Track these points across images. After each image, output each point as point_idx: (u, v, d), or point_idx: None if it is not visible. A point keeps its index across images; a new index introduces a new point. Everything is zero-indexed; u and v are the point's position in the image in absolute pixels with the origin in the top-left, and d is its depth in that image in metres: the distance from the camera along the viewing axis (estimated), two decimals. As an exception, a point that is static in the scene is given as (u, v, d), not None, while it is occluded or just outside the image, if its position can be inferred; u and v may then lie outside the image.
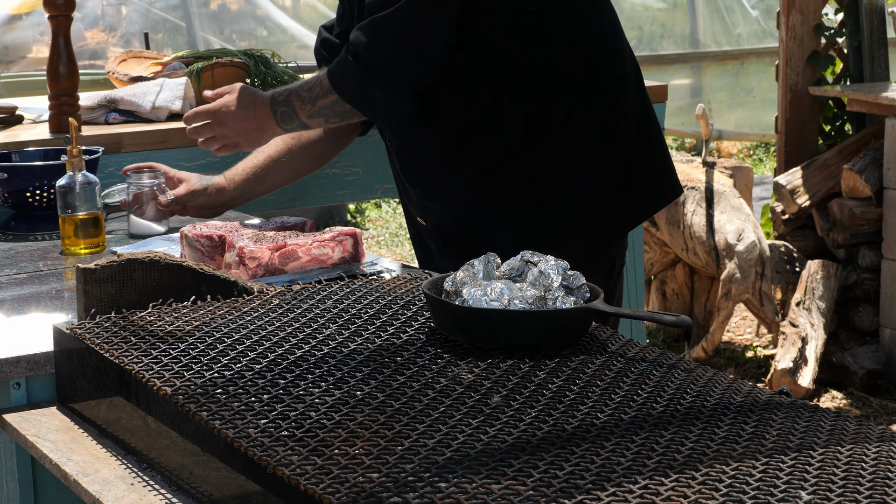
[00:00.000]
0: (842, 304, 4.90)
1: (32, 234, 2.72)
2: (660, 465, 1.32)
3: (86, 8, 6.92)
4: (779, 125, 5.18)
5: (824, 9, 5.14)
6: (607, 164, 2.43)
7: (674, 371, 1.61)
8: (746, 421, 1.45)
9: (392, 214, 7.75)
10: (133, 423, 1.70)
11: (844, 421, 1.47)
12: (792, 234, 5.08)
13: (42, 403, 1.92)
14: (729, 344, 5.27)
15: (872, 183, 4.70)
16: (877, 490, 1.27)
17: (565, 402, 1.49)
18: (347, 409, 1.46)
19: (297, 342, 1.72)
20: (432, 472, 1.29)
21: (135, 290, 1.94)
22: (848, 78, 5.17)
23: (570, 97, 2.39)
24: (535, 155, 2.39)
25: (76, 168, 2.53)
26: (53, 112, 3.10)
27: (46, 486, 1.97)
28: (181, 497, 1.56)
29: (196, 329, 1.78)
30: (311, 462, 1.33)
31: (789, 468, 1.32)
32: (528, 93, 2.38)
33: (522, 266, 1.78)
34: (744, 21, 7.88)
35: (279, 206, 3.27)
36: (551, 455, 1.33)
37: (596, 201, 2.43)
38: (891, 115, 4.63)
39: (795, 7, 5.07)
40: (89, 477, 1.64)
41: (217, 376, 1.59)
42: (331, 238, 2.24)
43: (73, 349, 1.84)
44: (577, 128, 2.40)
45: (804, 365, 4.64)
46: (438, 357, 1.65)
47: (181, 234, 2.32)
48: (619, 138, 2.44)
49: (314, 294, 1.96)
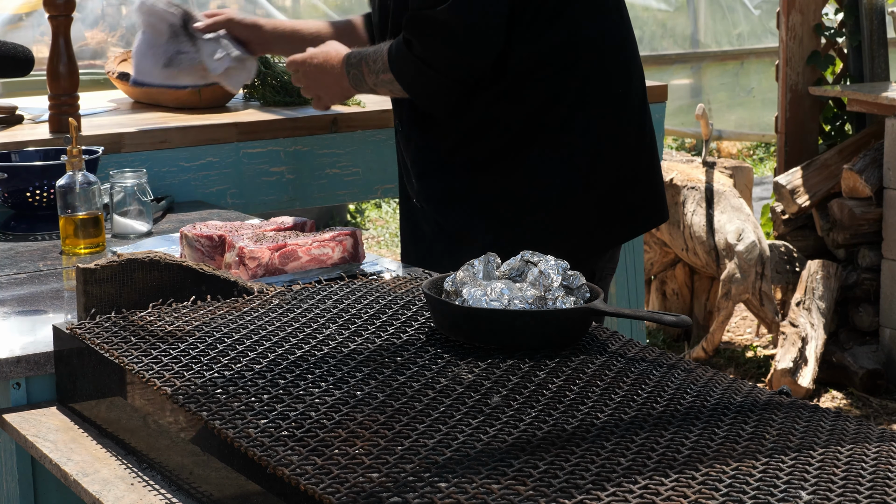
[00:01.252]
0: (842, 304, 4.90)
1: (32, 234, 2.72)
2: (660, 465, 1.32)
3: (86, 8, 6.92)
4: (779, 125, 5.18)
5: (824, 9, 5.14)
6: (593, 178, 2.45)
7: (674, 371, 1.61)
8: (746, 421, 1.45)
9: (392, 214, 7.74)
10: (133, 423, 1.70)
11: (844, 421, 1.47)
12: (792, 234, 5.08)
13: (42, 403, 1.92)
14: (729, 344, 5.27)
15: (872, 183, 4.70)
16: (877, 490, 1.27)
17: (565, 402, 1.49)
18: (347, 409, 1.46)
19: (297, 342, 1.72)
20: (432, 472, 1.29)
21: (135, 290, 1.94)
22: (848, 78, 5.16)
23: (568, 105, 2.41)
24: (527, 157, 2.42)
25: (76, 168, 2.53)
26: (53, 112, 3.10)
27: (46, 486, 1.97)
28: (181, 497, 1.56)
29: (196, 329, 1.78)
30: (311, 462, 1.33)
31: (789, 468, 1.32)
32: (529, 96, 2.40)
33: (522, 266, 1.78)
34: (745, 20, 7.87)
35: (279, 206, 3.27)
36: (551, 455, 1.33)
37: (574, 211, 2.46)
38: (891, 115, 4.63)
39: (795, 7, 5.07)
40: (89, 477, 1.64)
41: (217, 376, 1.59)
42: (331, 238, 2.24)
43: (73, 349, 1.84)
44: (570, 136, 2.42)
45: (804, 365, 4.64)
46: (438, 357, 1.65)
47: (181, 234, 2.32)
48: (610, 153, 2.47)
49: (314, 294, 1.96)
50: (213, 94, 3.38)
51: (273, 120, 3.26)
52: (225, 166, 3.18)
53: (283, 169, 3.25)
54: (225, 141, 3.19)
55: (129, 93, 3.54)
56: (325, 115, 3.34)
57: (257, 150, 3.22)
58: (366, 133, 3.37)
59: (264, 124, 3.24)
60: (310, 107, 3.42)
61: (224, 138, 3.19)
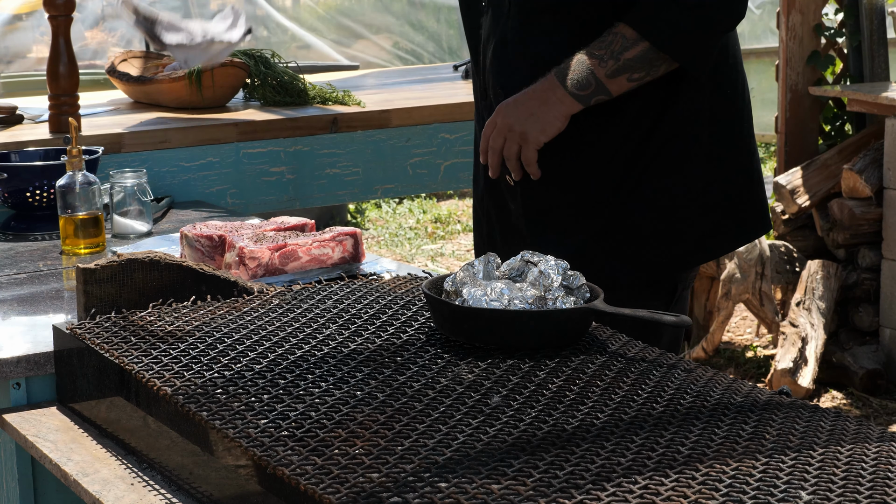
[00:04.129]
0: (842, 304, 4.90)
1: (32, 234, 2.72)
2: (660, 465, 1.32)
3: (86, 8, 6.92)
4: (779, 125, 5.18)
5: (824, 9, 5.14)
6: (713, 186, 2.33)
7: (674, 371, 1.61)
8: (746, 421, 1.45)
9: (392, 214, 7.74)
10: (133, 423, 1.70)
11: (844, 421, 1.47)
12: (792, 234, 5.08)
13: (42, 403, 1.92)
14: (729, 344, 5.27)
15: (872, 183, 4.70)
16: (877, 490, 1.27)
17: (565, 402, 1.49)
18: (347, 409, 1.46)
19: (297, 342, 1.72)
20: (432, 472, 1.29)
21: (135, 290, 1.94)
22: (848, 78, 5.16)
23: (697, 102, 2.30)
24: (641, 155, 2.29)
25: (76, 168, 2.53)
26: (53, 112, 3.10)
27: (46, 486, 1.97)
28: (181, 497, 1.56)
29: (196, 329, 1.78)
30: (311, 462, 1.33)
31: (789, 468, 1.32)
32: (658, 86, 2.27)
33: (522, 266, 1.78)
34: (745, 20, 7.88)
35: (279, 206, 3.27)
36: (551, 455, 1.33)
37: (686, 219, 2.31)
38: (891, 115, 4.63)
39: (795, 7, 5.07)
40: (89, 477, 1.64)
41: (217, 376, 1.59)
42: (331, 238, 2.24)
43: (73, 349, 1.84)
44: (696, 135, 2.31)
45: (804, 365, 4.64)
46: (438, 357, 1.65)
47: (181, 234, 2.32)
48: (734, 160, 2.36)
49: (314, 294, 1.96)
50: (213, 94, 3.38)
51: (273, 120, 3.26)
52: (225, 166, 3.18)
53: (283, 169, 3.26)
54: (225, 141, 3.19)
55: (129, 93, 3.54)
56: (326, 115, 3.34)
57: (257, 150, 3.22)
58: (366, 133, 3.37)
59: (264, 124, 3.24)
60: (310, 107, 3.42)
61: (224, 138, 3.19)
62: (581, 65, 2.20)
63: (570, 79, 2.19)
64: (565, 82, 2.19)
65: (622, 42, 2.19)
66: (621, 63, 2.19)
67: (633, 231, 2.29)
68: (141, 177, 2.68)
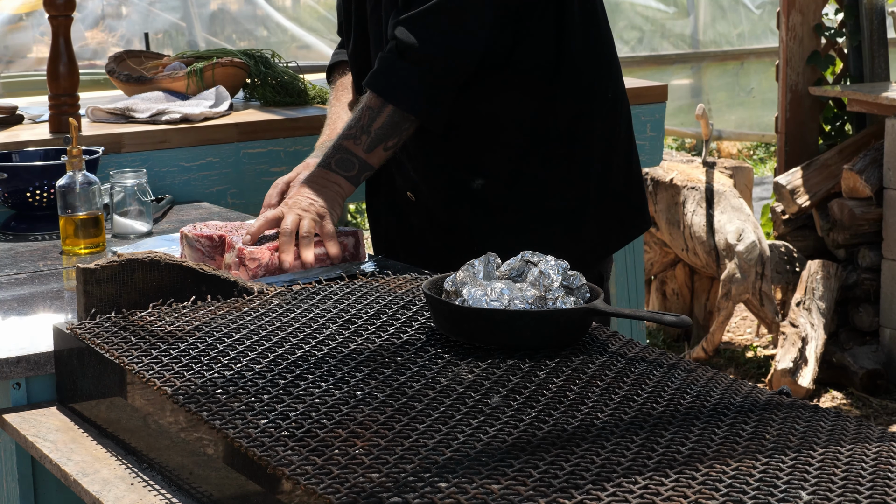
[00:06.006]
0: (842, 304, 4.90)
1: (32, 234, 2.72)
2: (660, 465, 1.32)
3: (86, 8, 6.92)
4: (779, 125, 5.18)
5: (824, 9, 5.14)
6: (602, 187, 2.46)
7: (674, 371, 1.61)
8: (746, 421, 1.45)
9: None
10: (133, 423, 1.70)
11: (844, 421, 1.47)
12: (792, 234, 5.08)
13: (42, 403, 1.92)
14: (729, 344, 5.27)
15: (872, 183, 4.70)
16: (877, 490, 1.27)
17: (565, 402, 1.49)
18: (347, 409, 1.46)
19: (297, 342, 1.72)
20: (432, 472, 1.29)
21: (135, 290, 1.94)
22: (848, 78, 5.16)
23: (573, 107, 2.40)
24: (536, 159, 2.41)
25: (76, 168, 2.53)
26: (53, 112, 3.10)
27: (46, 486, 1.97)
28: (181, 497, 1.56)
29: (196, 329, 1.78)
30: (311, 462, 1.33)
31: (789, 468, 1.32)
32: (535, 94, 2.39)
33: (522, 266, 1.78)
34: (745, 20, 7.88)
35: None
36: (551, 455, 1.33)
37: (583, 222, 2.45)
38: (891, 115, 4.63)
39: (795, 7, 5.07)
40: (89, 477, 1.64)
41: (217, 376, 1.59)
42: (331, 238, 2.23)
43: (73, 349, 1.84)
44: (580, 136, 2.43)
45: (804, 365, 4.64)
46: (438, 357, 1.65)
47: (181, 234, 2.32)
48: (614, 161, 2.48)
49: (314, 294, 1.96)
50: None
51: (273, 120, 3.26)
52: (225, 166, 3.18)
53: (283, 169, 3.25)
54: (225, 141, 3.19)
55: (129, 93, 3.54)
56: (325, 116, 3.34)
57: (257, 150, 3.22)
58: (366, 133, 3.37)
59: (264, 124, 3.24)
60: (310, 107, 3.42)
61: (224, 138, 3.19)
62: (339, 148, 2.33)
63: (333, 162, 2.32)
64: (331, 166, 2.32)
65: (368, 115, 2.31)
66: (373, 135, 2.31)
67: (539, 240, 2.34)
68: (141, 177, 2.68)
